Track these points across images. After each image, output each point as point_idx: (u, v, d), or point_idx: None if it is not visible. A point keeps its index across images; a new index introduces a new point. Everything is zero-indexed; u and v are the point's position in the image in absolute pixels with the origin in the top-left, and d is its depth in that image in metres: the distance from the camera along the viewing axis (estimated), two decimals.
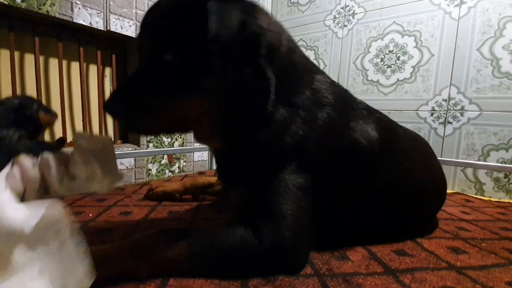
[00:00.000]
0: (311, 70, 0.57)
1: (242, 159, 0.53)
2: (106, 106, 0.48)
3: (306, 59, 0.58)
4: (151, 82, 0.47)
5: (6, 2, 0.90)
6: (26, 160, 0.36)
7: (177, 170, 1.46)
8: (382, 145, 0.56)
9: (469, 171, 1.20)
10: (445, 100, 1.23)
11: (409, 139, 0.65)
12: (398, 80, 1.35)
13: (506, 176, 1.12)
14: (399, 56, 1.35)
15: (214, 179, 0.88)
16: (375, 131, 0.56)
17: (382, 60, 1.39)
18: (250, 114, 0.49)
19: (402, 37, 1.33)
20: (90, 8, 1.09)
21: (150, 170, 1.36)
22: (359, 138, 0.54)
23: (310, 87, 0.54)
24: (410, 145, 0.63)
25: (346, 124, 0.55)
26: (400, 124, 0.69)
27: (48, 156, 0.38)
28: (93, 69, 1.26)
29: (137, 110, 0.48)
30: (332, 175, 0.53)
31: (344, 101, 0.57)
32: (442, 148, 1.25)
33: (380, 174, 0.56)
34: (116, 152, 1.29)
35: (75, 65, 1.20)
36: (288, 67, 0.52)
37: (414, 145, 0.65)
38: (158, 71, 0.46)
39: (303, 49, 0.88)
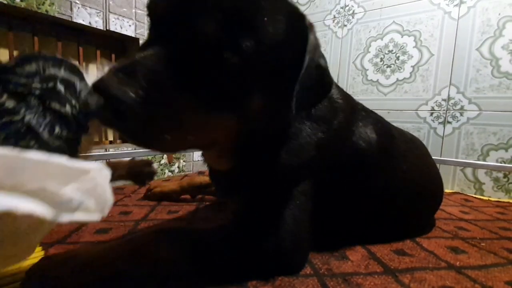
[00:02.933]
0: None
1: (249, 176, 0.49)
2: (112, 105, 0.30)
3: None
4: (189, 82, 0.34)
5: (5, 2, 0.90)
6: None
7: (176, 170, 1.46)
8: (380, 147, 0.56)
9: (469, 170, 1.20)
10: (444, 100, 1.23)
11: (405, 141, 0.65)
12: (397, 80, 1.35)
13: (505, 175, 1.12)
14: (398, 56, 1.35)
15: None
16: (374, 133, 0.56)
17: (381, 60, 1.39)
18: (272, 132, 0.47)
19: (402, 37, 1.33)
20: (89, 7, 1.09)
21: None
22: (359, 141, 0.54)
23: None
24: (406, 147, 0.63)
25: (350, 129, 0.54)
26: (400, 124, 0.69)
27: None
28: (92, 69, 1.26)
29: (161, 116, 0.33)
30: (333, 178, 0.53)
31: (349, 104, 0.57)
32: (441, 147, 1.25)
33: (378, 175, 0.56)
34: (115, 152, 1.26)
35: None
36: None
37: (410, 147, 0.65)
38: (207, 69, 0.34)
39: None
